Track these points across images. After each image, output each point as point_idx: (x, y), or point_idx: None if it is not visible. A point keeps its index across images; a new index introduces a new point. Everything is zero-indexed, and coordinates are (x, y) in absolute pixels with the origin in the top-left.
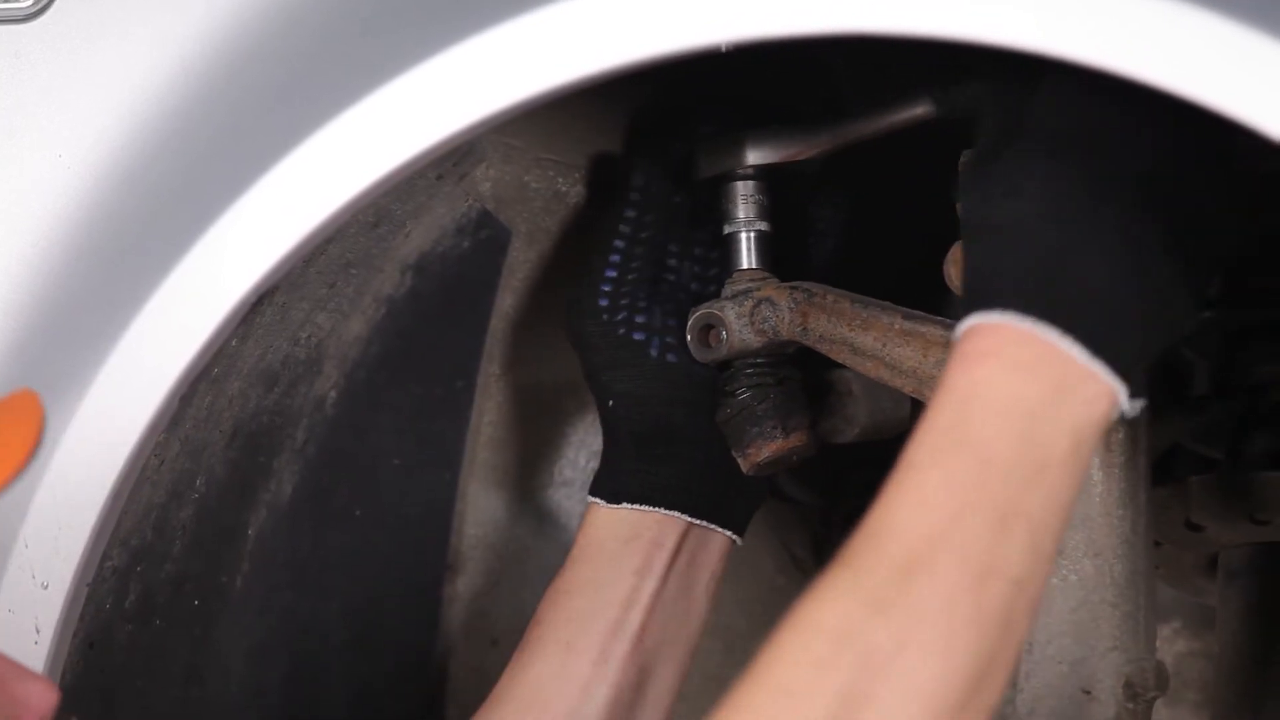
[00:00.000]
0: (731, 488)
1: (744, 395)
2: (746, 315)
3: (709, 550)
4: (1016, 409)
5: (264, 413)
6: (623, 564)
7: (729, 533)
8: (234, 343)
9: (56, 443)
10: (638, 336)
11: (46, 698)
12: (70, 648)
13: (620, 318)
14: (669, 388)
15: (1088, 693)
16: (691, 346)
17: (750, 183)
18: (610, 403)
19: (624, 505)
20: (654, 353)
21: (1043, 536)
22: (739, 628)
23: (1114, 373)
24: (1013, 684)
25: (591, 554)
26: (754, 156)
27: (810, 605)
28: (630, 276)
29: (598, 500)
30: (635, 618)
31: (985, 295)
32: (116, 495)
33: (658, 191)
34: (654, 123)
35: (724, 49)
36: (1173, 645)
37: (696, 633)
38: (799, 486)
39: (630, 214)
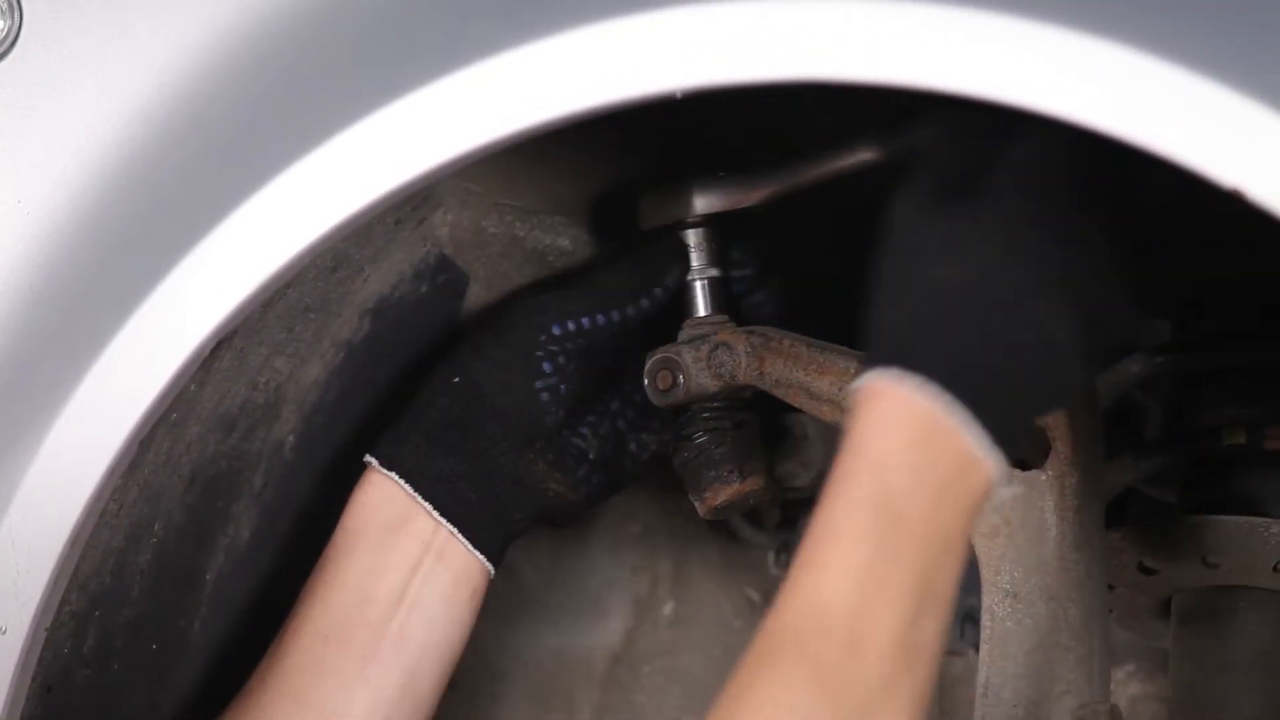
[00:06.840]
0: (490, 512)
1: (700, 439)
2: (704, 359)
3: (469, 567)
4: (929, 484)
5: (222, 457)
6: (389, 559)
7: (479, 554)
8: (192, 387)
9: (16, 487)
10: (547, 368)
11: None
12: (29, 692)
13: (553, 350)
14: (512, 411)
15: None
16: (649, 390)
17: (699, 230)
18: (456, 379)
19: (393, 475)
20: (539, 385)
21: (947, 615)
22: (695, 670)
23: (1002, 460)
24: None
25: (356, 543)
26: (701, 205)
27: (761, 676)
28: (593, 337)
29: (373, 460)
30: (399, 618)
31: (903, 352)
32: (75, 540)
33: (667, 302)
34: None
35: (679, 95)
36: (1126, 688)
37: (460, 644)
38: (754, 530)
39: (644, 303)
